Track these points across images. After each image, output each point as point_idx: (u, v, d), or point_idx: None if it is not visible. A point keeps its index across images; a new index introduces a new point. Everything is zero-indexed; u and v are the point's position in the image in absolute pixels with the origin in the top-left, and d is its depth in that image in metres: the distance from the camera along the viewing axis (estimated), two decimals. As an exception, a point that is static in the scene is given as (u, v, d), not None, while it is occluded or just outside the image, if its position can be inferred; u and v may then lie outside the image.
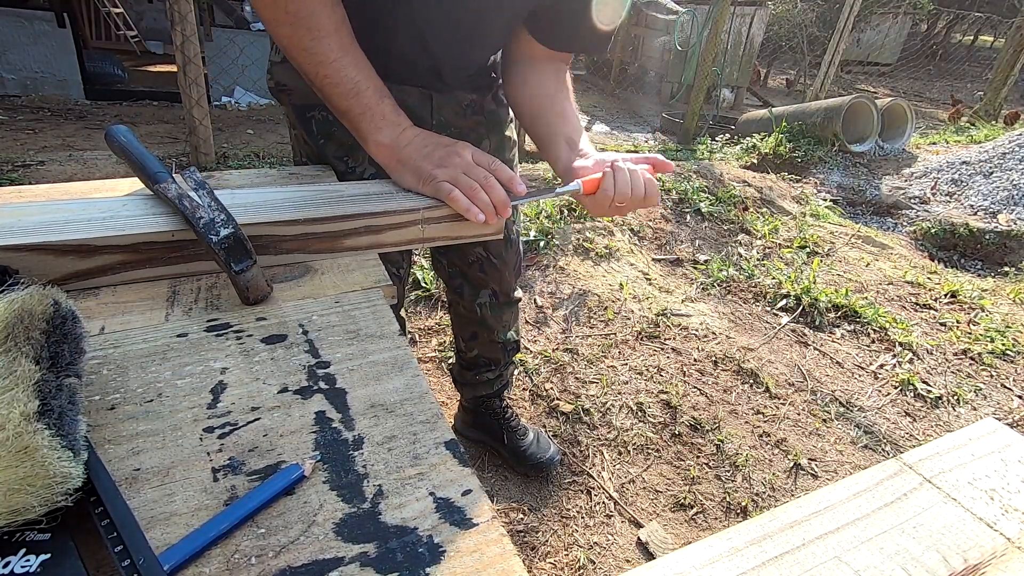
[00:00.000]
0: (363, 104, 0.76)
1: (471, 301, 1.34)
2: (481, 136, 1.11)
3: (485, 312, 1.36)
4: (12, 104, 4.30)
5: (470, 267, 1.28)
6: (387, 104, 0.78)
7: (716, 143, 4.67)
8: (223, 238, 0.53)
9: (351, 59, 0.75)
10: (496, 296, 1.34)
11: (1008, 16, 8.05)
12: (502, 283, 1.32)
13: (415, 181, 0.75)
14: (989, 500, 0.49)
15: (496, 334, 1.40)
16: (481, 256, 1.26)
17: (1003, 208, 3.53)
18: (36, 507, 0.32)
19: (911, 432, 1.91)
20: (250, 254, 0.54)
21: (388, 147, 0.77)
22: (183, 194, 0.56)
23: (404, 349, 0.53)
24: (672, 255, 2.80)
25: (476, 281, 1.31)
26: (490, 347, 1.44)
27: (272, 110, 5.12)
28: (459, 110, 1.06)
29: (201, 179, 0.58)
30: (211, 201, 0.56)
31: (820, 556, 0.43)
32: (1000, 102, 5.89)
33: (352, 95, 0.76)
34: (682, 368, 2.04)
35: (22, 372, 0.36)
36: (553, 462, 1.57)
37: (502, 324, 1.40)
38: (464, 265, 1.29)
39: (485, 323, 1.38)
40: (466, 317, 1.40)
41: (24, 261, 0.53)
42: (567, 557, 1.40)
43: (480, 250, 1.25)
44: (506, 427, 1.59)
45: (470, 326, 1.42)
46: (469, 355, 1.48)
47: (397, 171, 0.77)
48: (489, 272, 1.28)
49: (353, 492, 0.40)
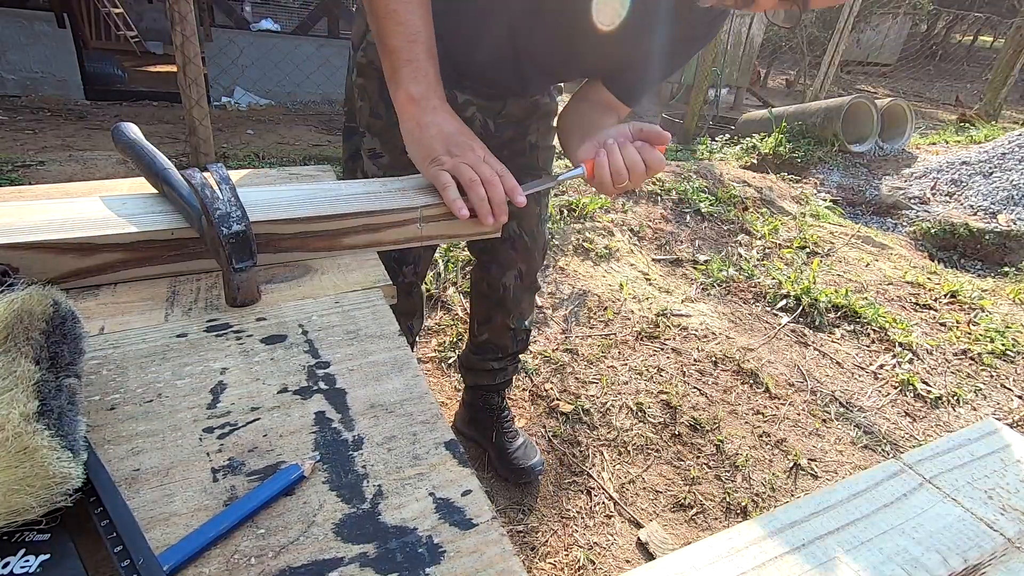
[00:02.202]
0: (414, 52, 0.77)
1: (497, 279, 1.36)
2: (531, 122, 1.19)
3: (508, 293, 1.38)
4: (12, 104, 4.30)
5: (502, 243, 1.31)
6: (432, 66, 0.79)
7: (716, 143, 4.67)
8: (233, 233, 0.53)
9: (422, 9, 0.77)
10: (521, 277, 1.37)
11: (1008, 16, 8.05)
12: (530, 263, 1.35)
13: (421, 156, 0.75)
14: (989, 500, 0.49)
15: (511, 319, 1.42)
16: (514, 233, 1.29)
17: (1003, 208, 3.53)
18: (35, 507, 0.32)
19: (911, 432, 1.91)
20: (253, 255, 0.54)
21: (416, 103, 0.77)
22: (206, 184, 0.56)
23: (404, 349, 0.53)
24: (672, 255, 2.80)
25: (505, 260, 1.34)
26: (502, 332, 1.45)
27: (272, 110, 5.12)
28: (524, 104, 1.16)
29: (227, 175, 0.59)
30: (232, 196, 0.56)
31: (820, 556, 0.43)
32: (1000, 102, 5.89)
33: (408, 39, 0.76)
34: (682, 368, 2.04)
35: (22, 372, 0.36)
36: (534, 470, 1.56)
37: (519, 310, 1.42)
38: (497, 242, 1.30)
39: (504, 305, 1.40)
40: (487, 296, 1.42)
41: (24, 259, 0.53)
42: (567, 557, 1.40)
43: (515, 226, 1.28)
44: (498, 425, 1.60)
45: (488, 307, 1.43)
46: (479, 339, 1.49)
47: (412, 134, 0.77)
48: (520, 250, 1.32)
49: (353, 492, 0.40)
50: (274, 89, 5.31)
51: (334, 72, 5.36)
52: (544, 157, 1.27)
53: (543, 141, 1.24)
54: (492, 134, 1.16)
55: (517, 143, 1.22)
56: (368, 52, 1.04)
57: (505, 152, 1.20)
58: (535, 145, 1.23)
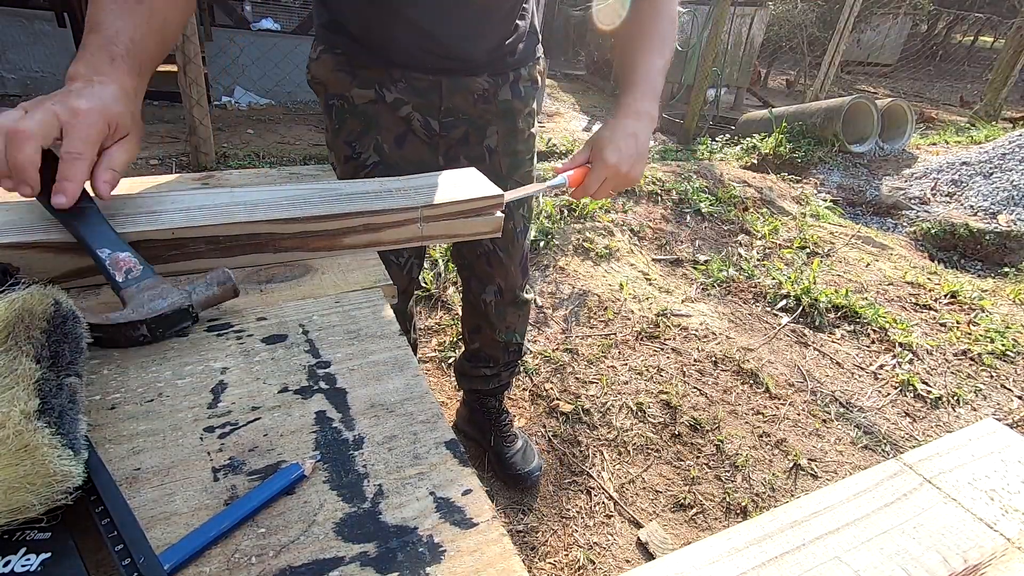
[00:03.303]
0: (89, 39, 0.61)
1: (477, 295, 1.35)
2: (487, 122, 1.10)
3: (489, 308, 1.35)
4: (12, 104, 4.28)
5: (477, 259, 1.28)
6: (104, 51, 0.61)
7: (716, 143, 4.67)
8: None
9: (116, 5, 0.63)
10: (501, 293, 1.33)
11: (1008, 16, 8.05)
12: (507, 279, 1.31)
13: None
14: (989, 500, 0.49)
15: (498, 333, 1.40)
16: (488, 249, 1.26)
17: (1003, 208, 3.53)
18: (36, 506, 0.32)
19: (911, 432, 1.91)
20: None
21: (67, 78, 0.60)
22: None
23: (404, 349, 0.53)
24: (672, 255, 2.80)
25: (482, 275, 1.31)
26: (491, 344, 1.44)
27: (272, 110, 5.12)
28: (469, 97, 1.06)
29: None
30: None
31: (820, 556, 0.43)
32: (1000, 102, 5.89)
33: (88, 29, 0.62)
34: (682, 368, 2.04)
35: (23, 371, 0.36)
36: (532, 476, 1.55)
37: (505, 324, 1.39)
38: (473, 257, 1.29)
39: (488, 319, 1.38)
40: (473, 309, 1.40)
41: (25, 259, 0.53)
42: (567, 557, 1.40)
43: (487, 243, 1.24)
44: (495, 429, 1.59)
45: (475, 319, 1.42)
46: (471, 347, 1.49)
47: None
48: (495, 266, 1.28)
49: (353, 492, 0.40)
50: (274, 89, 5.31)
51: (334, 72, 5.35)
52: (509, 164, 1.15)
53: (505, 145, 1.13)
54: (439, 134, 1.09)
55: (473, 148, 1.12)
56: (312, 68, 1.06)
57: (462, 159, 1.12)
58: (494, 150, 1.13)
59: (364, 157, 1.08)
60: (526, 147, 1.17)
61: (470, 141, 1.12)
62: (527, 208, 1.28)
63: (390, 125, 1.06)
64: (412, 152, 1.10)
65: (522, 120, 1.13)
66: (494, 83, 1.06)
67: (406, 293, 1.29)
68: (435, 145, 1.12)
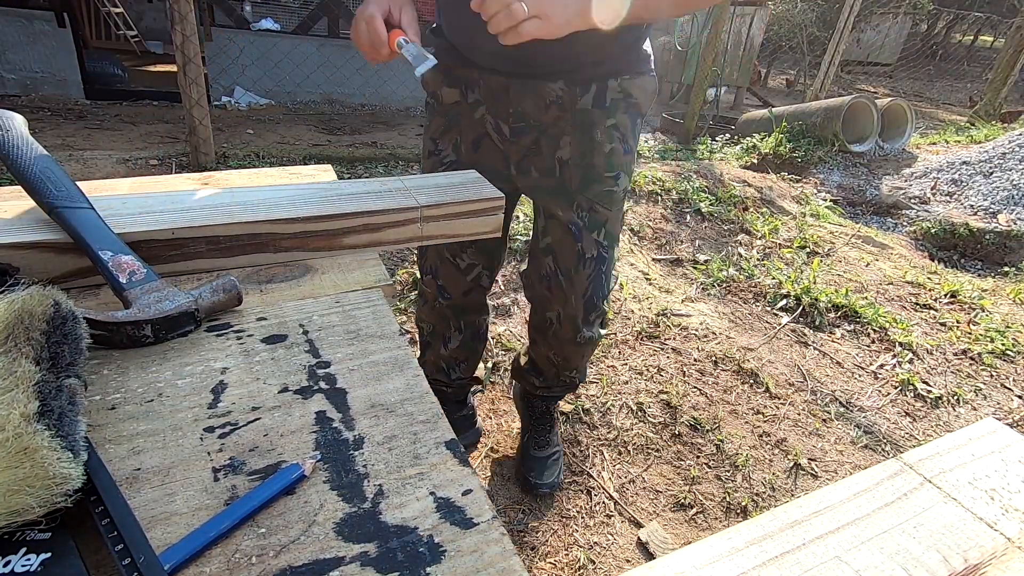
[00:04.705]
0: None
1: (542, 312, 1.26)
2: (561, 132, 1.03)
3: (550, 329, 1.24)
4: (12, 104, 4.29)
5: (540, 281, 1.19)
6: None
7: (716, 143, 4.67)
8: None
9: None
10: (560, 322, 1.20)
11: (1008, 16, 8.05)
12: (566, 307, 1.17)
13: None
14: (989, 500, 0.49)
15: (554, 356, 1.31)
16: (550, 271, 1.15)
17: (1003, 208, 3.53)
18: (36, 508, 0.32)
19: (911, 432, 1.91)
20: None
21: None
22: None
23: (404, 349, 0.53)
24: (672, 255, 2.80)
25: (541, 298, 1.21)
26: (545, 362, 1.36)
27: (272, 110, 5.12)
28: (540, 103, 1.00)
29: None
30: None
31: (820, 556, 0.43)
32: (1000, 102, 5.89)
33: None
34: (682, 368, 2.04)
35: (22, 373, 0.36)
36: (540, 489, 1.50)
37: (562, 356, 1.28)
38: (536, 278, 1.20)
39: (547, 340, 1.28)
40: (539, 322, 1.29)
41: (25, 259, 0.53)
42: (567, 557, 1.40)
43: (550, 264, 1.14)
44: (532, 428, 1.55)
45: (535, 331, 1.34)
46: (530, 352, 1.44)
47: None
48: (555, 292, 1.16)
49: (353, 492, 0.40)
50: (274, 89, 5.31)
51: (334, 72, 5.36)
52: (581, 178, 1.04)
53: (579, 158, 1.03)
54: (508, 140, 1.05)
55: (544, 159, 1.05)
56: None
57: (534, 172, 1.07)
58: (565, 162, 1.04)
59: (444, 155, 1.11)
60: (606, 163, 1.04)
61: (542, 151, 1.05)
62: (604, 232, 1.09)
63: (469, 127, 1.08)
64: (486, 157, 1.09)
65: (601, 132, 1.02)
66: (571, 91, 0.98)
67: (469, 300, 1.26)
68: (507, 153, 1.08)
